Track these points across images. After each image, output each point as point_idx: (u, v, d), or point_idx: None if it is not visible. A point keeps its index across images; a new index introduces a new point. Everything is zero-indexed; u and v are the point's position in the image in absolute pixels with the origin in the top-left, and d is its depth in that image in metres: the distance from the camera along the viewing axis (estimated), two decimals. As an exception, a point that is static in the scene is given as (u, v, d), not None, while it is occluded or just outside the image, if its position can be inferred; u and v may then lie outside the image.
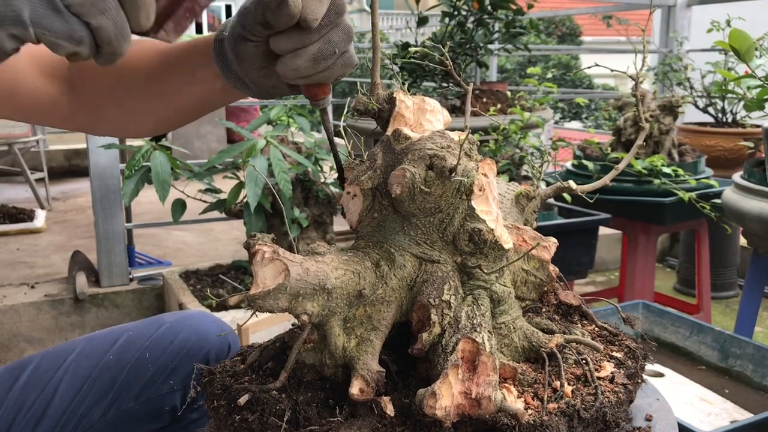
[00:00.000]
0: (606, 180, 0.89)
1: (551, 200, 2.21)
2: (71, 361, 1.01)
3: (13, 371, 1.01)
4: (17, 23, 0.49)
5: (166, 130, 0.93)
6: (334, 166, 0.75)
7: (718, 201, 1.92)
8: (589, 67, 1.00)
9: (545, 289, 0.78)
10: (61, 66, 0.87)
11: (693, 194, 2.03)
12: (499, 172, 2.04)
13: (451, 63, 0.81)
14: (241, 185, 2.18)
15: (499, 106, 2.32)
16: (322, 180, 2.33)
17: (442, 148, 0.66)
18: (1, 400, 0.97)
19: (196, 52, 0.81)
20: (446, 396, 0.56)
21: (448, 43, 2.38)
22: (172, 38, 0.59)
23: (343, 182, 0.72)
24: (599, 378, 0.67)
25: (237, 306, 0.92)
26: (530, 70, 2.38)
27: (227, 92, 0.81)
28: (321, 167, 2.31)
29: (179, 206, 2.22)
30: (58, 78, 0.87)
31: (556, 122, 7.33)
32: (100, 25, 0.51)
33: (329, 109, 0.74)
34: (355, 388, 0.59)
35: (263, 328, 1.95)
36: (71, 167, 5.87)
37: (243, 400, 0.61)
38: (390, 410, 0.59)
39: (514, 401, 0.61)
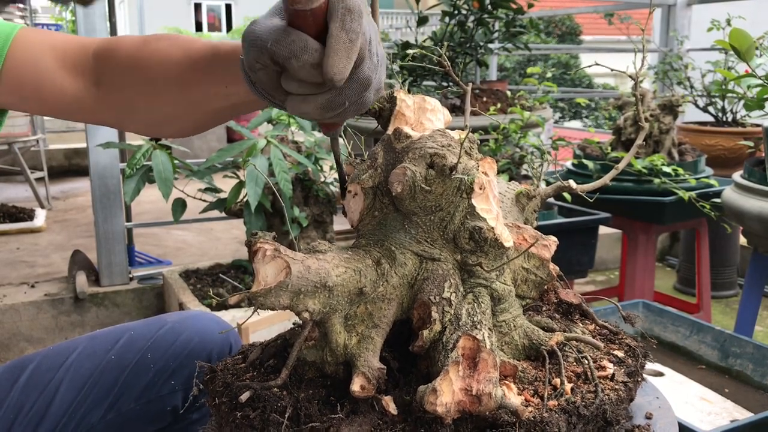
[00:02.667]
0: (606, 179, 0.89)
1: (551, 199, 2.21)
2: (72, 361, 1.01)
3: (13, 370, 1.01)
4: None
5: (197, 132, 0.90)
6: (338, 181, 0.73)
7: (718, 200, 1.92)
8: (589, 66, 1.00)
9: (546, 287, 0.78)
10: (85, 61, 0.86)
11: (693, 193, 2.03)
12: (499, 172, 2.04)
13: (449, 63, 0.81)
14: (241, 184, 2.18)
15: (499, 105, 2.32)
16: (322, 179, 2.34)
17: (443, 146, 0.66)
18: (2, 400, 0.97)
19: (225, 65, 0.77)
20: (447, 393, 0.56)
21: (446, 43, 2.39)
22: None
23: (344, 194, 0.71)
24: (599, 376, 0.67)
25: (237, 305, 0.92)
26: (530, 69, 2.38)
27: (248, 96, 0.76)
28: (321, 167, 2.31)
29: (179, 205, 2.22)
30: (82, 73, 0.86)
31: (556, 122, 7.34)
32: None
33: (338, 140, 0.73)
34: (357, 385, 0.59)
35: (264, 326, 1.95)
36: (71, 166, 5.88)
37: (244, 397, 0.61)
38: (392, 409, 0.59)
39: (515, 398, 0.61)
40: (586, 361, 0.68)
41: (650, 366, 0.82)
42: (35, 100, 0.86)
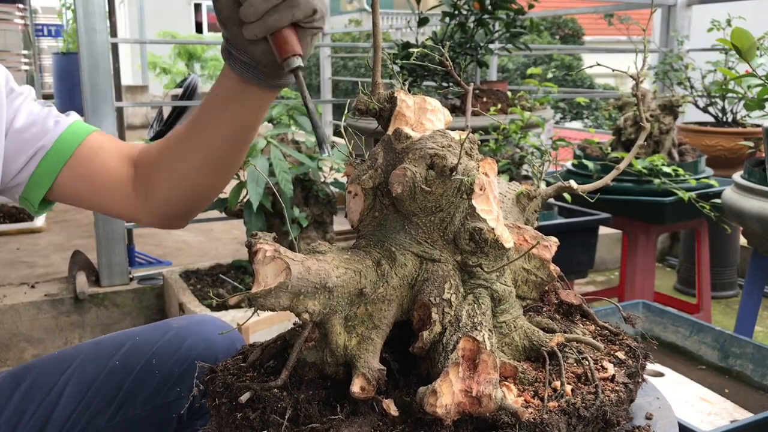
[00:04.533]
0: (607, 179, 0.89)
1: (551, 200, 2.21)
2: (76, 366, 1.00)
3: (17, 375, 1.00)
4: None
5: (216, 175, 1.00)
6: (314, 133, 0.77)
7: (718, 201, 1.92)
8: (590, 66, 1.00)
9: (546, 288, 0.78)
10: (136, 152, 1.00)
11: (693, 194, 2.03)
12: (500, 172, 2.03)
13: (451, 63, 0.81)
14: (241, 185, 2.18)
15: (499, 105, 2.32)
16: (322, 179, 2.34)
17: (443, 147, 0.66)
18: (4, 405, 0.96)
19: (217, 82, 0.92)
20: (447, 394, 0.56)
21: (448, 43, 2.38)
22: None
23: (321, 146, 0.77)
24: (600, 377, 0.67)
25: (237, 306, 0.91)
26: (530, 70, 2.38)
27: (246, 93, 0.89)
28: (321, 167, 2.31)
29: (179, 206, 2.21)
30: (129, 162, 0.99)
31: (557, 122, 7.34)
32: None
33: (300, 73, 0.79)
34: (356, 387, 0.59)
35: (264, 327, 1.95)
36: (71, 167, 5.86)
37: (244, 398, 0.61)
38: (393, 411, 0.59)
39: (515, 400, 0.61)
40: (587, 362, 0.67)
41: (650, 366, 0.82)
42: (88, 177, 0.97)
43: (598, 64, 0.96)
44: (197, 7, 17.74)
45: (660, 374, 1.50)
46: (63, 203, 1.02)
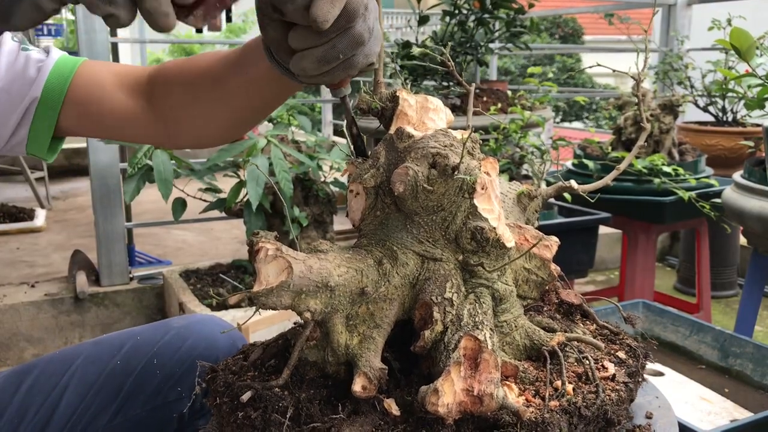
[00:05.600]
0: (608, 179, 0.89)
1: (551, 199, 2.21)
2: (77, 366, 1.00)
3: (18, 375, 1.00)
4: None
5: (235, 134, 0.97)
6: (352, 149, 0.77)
7: (718, 200, 1.92)
8: (590, 67, 1.00)
9: (547, 287, 0.78)
10: (141, 82, 0.94)
11: (693, 193, 2.03)
12: (500, 172, 2.03)
13: (452, 63, 0.82)
14: (241, 184, 2.18)
15: (499, 105, 2.32)
16: (322, 179, 2.34)
17: (445, 146, 0.66)
18: (6, 405, 0.96)
19: (250, 50, 0.85)
20: (448, 393, 0.56)
21: (449, 43, 2.39)
22: (200, 24, 0.60)
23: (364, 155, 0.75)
24: (600, 376, 0.67)
25: (237, 305, 0.92)
26: (531, 69, 2.38)
27: (281, 84, 0.84)
28: (321, 166, 2.31)
29: (179, 205, 2.22)
30: (138, 92, 0.93)
31: (557, 122, 7.34)
32: None
33: (348, 99, 0.78)
34: (358, 386, 0.59)
35: (264, 327, 1.95)
36: (71, 166, 5.87)
37: (246, 397, 0.61)
38: (395, 410, 0.59)
39: (516, 399, 0.61)
40: (587, 362, 0.68)
41: (650, 366, 0.82)
42: (96, 116, 0.93)
43: (599, 65, 0.96)
44: (197, 6, 17.67)
45: (660, 374, 1.50)
46: (78, 135, 0.98)
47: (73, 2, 0.55)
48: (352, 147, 0.77)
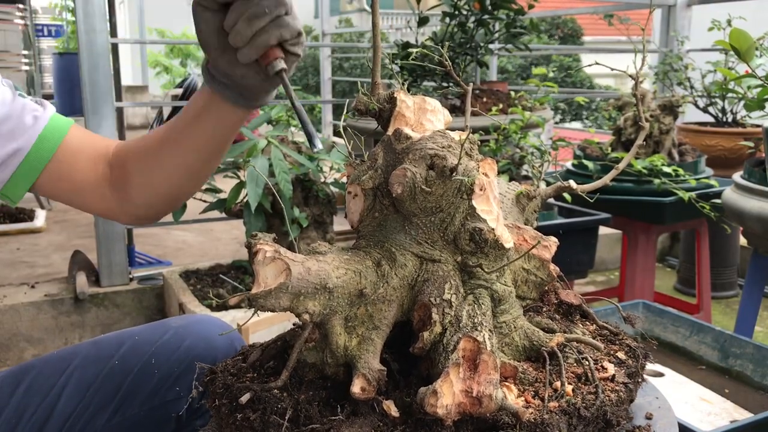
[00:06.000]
0: (606, 180, 0.89)
1: (551, 200, 2.21)
2: (75, 366, 1.00)
3: (16, 375, 1.00)
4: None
5: (185, 191, 1.03)
6: (303, 130, 0.80)
7: (718, 201, 1.92)
8: (589, 65, 1.00)
9: (546, 288, 0.78)
10: (108, 151, 1.00)
11: (693, 194, 2.03)
12: (500, 172, 2.04)
13: (450, 64, 0.81)
14: (241, 185, 2.18)
15: (500, 105, 2.32)
16: (322, 180, 2.33)
17: (443, 147, 0.66)
18: (4, 405, 0.96)
19: (195, 99, 0.94)
20: (447, 394, 0.56)
21: (447, 43, 2.38)
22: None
23: (312, 141, 0.80)
24: (600, 377, 0.67)
25: (237, 306, 0.91)
26: (536, 70, 2.38)
27: (222, 110, 0.92)
28: (321, 167, 2.31)
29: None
30: (104, 161, 0.99)
31: (557, 122, 7.34)
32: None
33: (287, 78, 0.84)
34: (357, 387, 0.59)
35: (263, 327, 1.95)
36: (71, 167, 5.85)
37: (245, 398, 0.61)
38: (394, 412, 0.59)
39: (515, 400, 0.61)
40: (587, 362, 0.68)
41: (650, 366, 0.82)
42: (67, 182, 0.97)
43: (597, 63, 0.96)
44: (197, 7, 17.67)
45: (660, 374, 1.50)
46: (43, 196, 1.03)
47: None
48: (306, 133, 0.79)
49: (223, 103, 0.91)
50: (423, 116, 0.73)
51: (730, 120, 3.16)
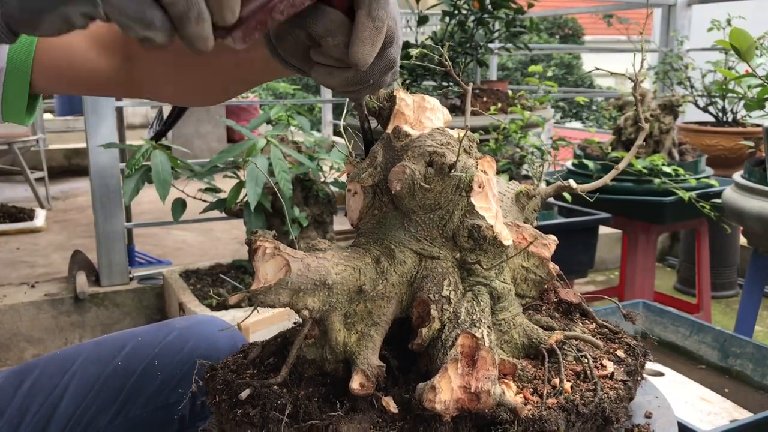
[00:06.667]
0: (606, 179, 0.90)
1: (551, 199, 2.21)
2: (78, 366, 1.00)
3: (18, 375, 1.00)
4: (89, 2, 0.48)
5: (222, 99, 0.93)
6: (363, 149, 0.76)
7: (718, 200, 1.92)
8: (589, 72, 1.00)
9: (545, 286, 0.78)
10: (117, 39, 0.88)
11: (693, 194, 2.03)
12: (500, 172, 2.04)
13: (450, 63, 0.82)
14: (241, 184, 2.18)
15: (499, 105, 2.32)
16: (322, 179, 2.34)
17: (442, 145, 0.66)
18: (6, 405, 0.96)
19: None
20: (445, 390, 0.56)
21: (447, 43, 2.39)
22: (238, 45, 0.56)
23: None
24: (599, 375, 0.67)
25: (237, 305, 0.91)
26: (532, 68, 2.38)
27: (275, 67, 0.77)
28: (321, 167, 2.31)
29: (179, 205, 2.22)
30: (113, 51, 0.88)
31: (557, 122, 7.34)
32: (173, 2, 0.49)
33: (364, 103, 0.76)
34: (356, 383, 0.59)
35: (263, 327, 1.95)
36: (71, 166, 5.87)
37: (244, 394, 0.61)
38: (393, 408, 0.59)
39: (514, 396, 0.61)
40: (586, 360, 0.68)
41: (650, 366, 0.82)
42: (68, 79, 0.88)
43: (597, 69, 0.96)
44: (197, 7, 17.71)
45: (660, 374, 1.50)
46: (58, 92, 0.95)
47: (105, 21, 0.51)
48: (364, 147, 0.75)
49: (272, 63, 0.74)
50: (422, 114, 0.73)
51: (730, 119, 3.16)
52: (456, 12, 2.44)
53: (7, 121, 0.90)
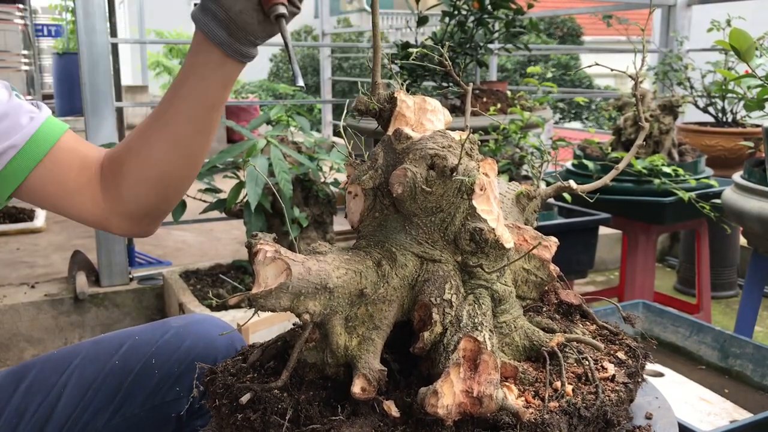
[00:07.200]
0: (606, 180, 0.89)
1: (551, 200, 2.21)
2: (76, 366, 1.00)
3: (16, 374, 1.00)
4: None
5: (181, 159, 0.96)
6: (294, 73, 0.80)
7: (718, 201, 1.92)
8: (589, 66, 1.00)
9: (546, 288, 0.78)
10: (100, 156, 0.98)
11: (693, 194, 2.03)
12: (500, 172, 2.03)
13: (450, 63, 0.82)
14: (241, 185, 2.18)
15: (499, 105, 2.32)
16: (322, 180, 2.34)
17: (443, 147, 0.66)
18: (4, 404, 0.96)
19: (184, 60, 0.92)
20: (448, 394, 0.56)
21: (447, 43, 2.38)
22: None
23: (296, 78, 0.80)
24: (600, 377, 0.67)
25: (237, 306, 0.90)
26: (530, 69, 2.38)
27: (209, 60, 0.89)
28: (321, 167, 2.31)
29: (179, 206, 2.22)
30: (95, 165, 0.97)
31: (556, 122, 7.34)
32: None
33: (284, 21, 0.84)
34: (357, 387, 0.59)
35: (263, 327, 1.95)
36: (71, 167, 5.84)
37: (245, 399, 0.61)
38: (395, 412, 0.59)
39: (515, 400, 0.61)
40: (587, 362, 0.68)
41: (650, 366, 0.82)
42: (57, 184, 0.94)
43: (597, 64, 0.96)
44: (197, 7, 17.67)
45: (660, 374, 1.50)
46: (27, 203, 0.99)
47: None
48: (293, 71, 0.79)
49: (212, 52, 0.87)
50: (423, 116, 0.73)
51: (730, 120, 3.16)
52: (456, 12, 2.44)
53: None
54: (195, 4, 0.88)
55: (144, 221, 1.00)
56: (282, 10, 0.83)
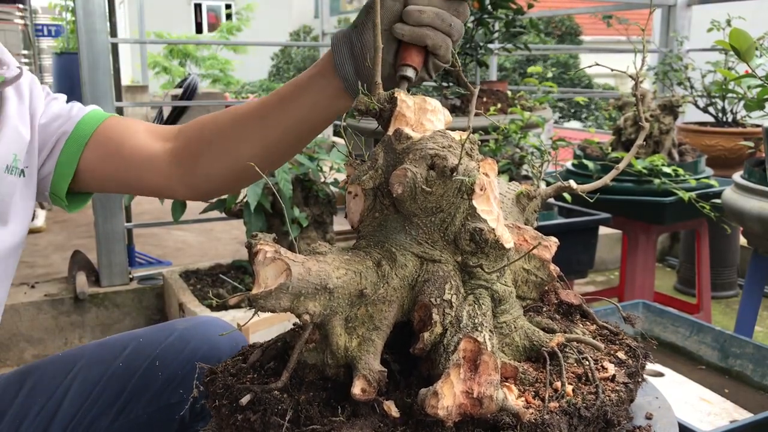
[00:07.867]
0: (606, 180, 0.89)
1: (551, 200, 2.21)
2: (80, 368, 1.00)
3: (20, 376, 1.00)
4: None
5: (264, 161, 0.96)
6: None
7: (718, 201, 1.92)
8: (589, 66, 1.00)
9: (546, 288, 0.78)
10: (172, 131, 0.99)
11: (693, 194, 2.03)
12: (500, 172, 2.03)
13: (459, 64, 0.82)
14: (241, 185, 2.18)
15: (499, 105, 2.32)
16: (322, 180, 2.34)
17: (444, 147, 0.66)
18: (8, 406, 0.96)
19: (303, 73, 0.92)
20: (448, 395, 0.56)
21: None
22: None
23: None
24: (600, 377, 0.67)
25: (237, 306, 0.90)
26: (531, 69, 2.38)
27: (327, 84, 0.89)
28: (321, 167, 2.31)
29: (179, 206, 2.22)
30: (163, 137, 0.98)
31: (556, 122, 7.34)
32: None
33: (404, 88, 0.83)
34: (357, 388, 0.59)
35: (263, 327, 1.95)
36: (71, 167, 5.84)
37: (245, 399, 0.61)
38: (395, 412, 0.59)
39: (516, 401, 0.61)
40: (587, 362, 0.67)
41: (650, 366, 0.82)
42: (116, 156, 0.97)
43: (597, 64, 0.96)
44: (197, 7, 17.72)
45: (660, 374, 1.50)
46: (94, 190, 1.01)
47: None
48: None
49: (333, 81, 0.87)
50: (423, 116, 0.73)
51: (730, 120, 3.16)
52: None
53: (55, 204, 0.99)
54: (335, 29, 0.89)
55: (211, 195, 1.04)
56: (409, 73, 0.82)
